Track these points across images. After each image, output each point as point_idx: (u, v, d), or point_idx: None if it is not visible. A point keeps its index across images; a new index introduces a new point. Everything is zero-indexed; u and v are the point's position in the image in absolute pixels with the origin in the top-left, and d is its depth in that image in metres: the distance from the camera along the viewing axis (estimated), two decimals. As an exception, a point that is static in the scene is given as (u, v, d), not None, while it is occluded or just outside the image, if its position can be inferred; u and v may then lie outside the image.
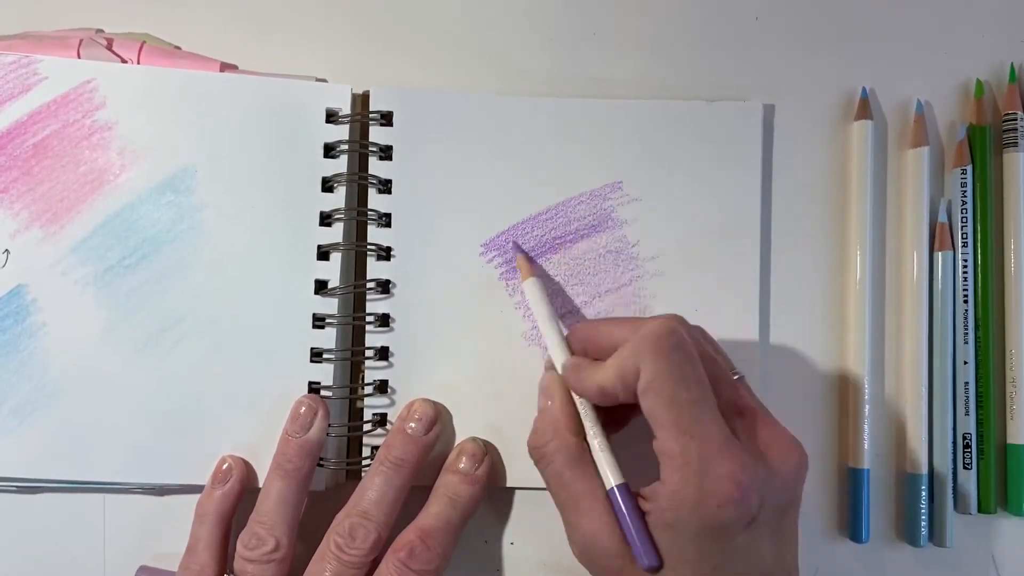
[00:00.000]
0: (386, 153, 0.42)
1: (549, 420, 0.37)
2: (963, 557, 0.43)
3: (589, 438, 0.36)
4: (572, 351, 0.38)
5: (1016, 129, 0.43)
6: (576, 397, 0.37)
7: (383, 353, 0.42)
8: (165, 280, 0.41)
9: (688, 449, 0.32)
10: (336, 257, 0.42)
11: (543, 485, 0.41)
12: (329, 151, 0.42)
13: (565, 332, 0.39)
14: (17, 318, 0.41)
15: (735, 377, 0.36)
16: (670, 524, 0.32)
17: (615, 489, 0.34)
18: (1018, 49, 0.45)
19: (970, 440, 0.43)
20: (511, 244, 0.42)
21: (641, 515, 0.33)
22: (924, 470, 0.42)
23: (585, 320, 0.42)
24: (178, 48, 0.44)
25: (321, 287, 0.41)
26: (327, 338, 0.41)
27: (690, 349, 0.34)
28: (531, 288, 0.40)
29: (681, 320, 0.35)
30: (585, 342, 0.38)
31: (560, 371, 0.38)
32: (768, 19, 0.45)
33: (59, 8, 0.44)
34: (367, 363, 0.42)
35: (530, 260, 0.42)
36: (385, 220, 0.42)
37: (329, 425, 0.40)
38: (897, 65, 0.45)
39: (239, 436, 0.41)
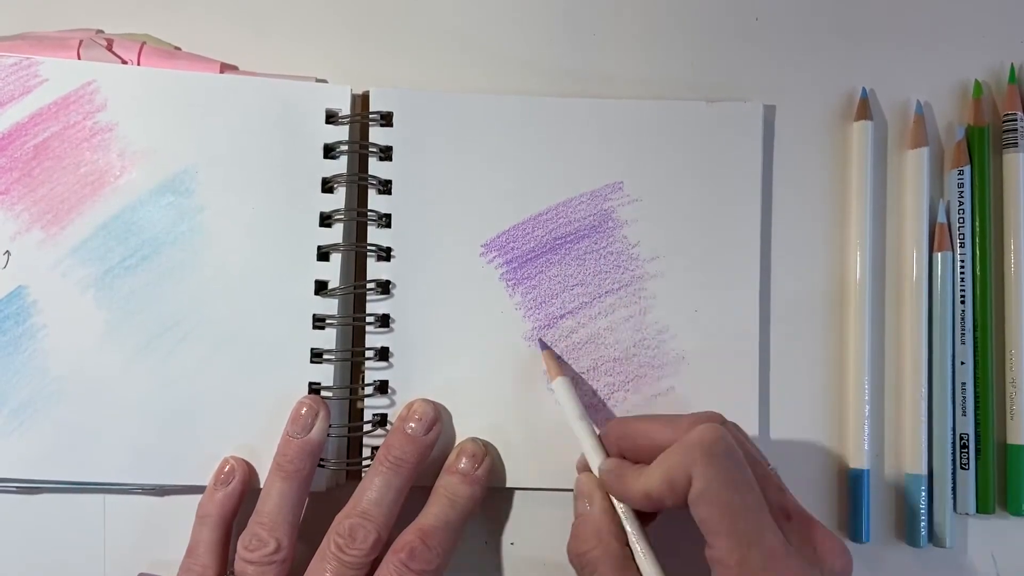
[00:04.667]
0: (386, 154, 0.42)
1: (591, 525, 0.36)
2: (963, 557, 0.43)
3: (632, 543, 0.35)
4: (606, 451, 0.38)
5: (1016, 130, 0.43)
6: (615, 501, 0.36)
7: (383, 354, 0.42)
8: (165, 281, 0.41)
9: (747, 559, 0.31)
10: (336, 258, 0.42)
11: (543, 485, 0.42)
12: (329, 152, 0.42)
13: (598, 431, 0.39)
14: (18, 319, 0.41)
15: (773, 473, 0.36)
16: None
17: None
18: (1018, 49, 0.45)
19: (967, 440, 0.43)
20: (538, 341, 0.42)
21: None
22: (923, 470, 0.42)
23: (617, 418, 0.41)
24: (178, 49, 0.44)
25: (321, 288, 0.41)
26: (327, 339, 0.41)
27: (739, 455, 0.33)
28: (561, 387, 0.40)
29: (723, 420, 0.35)
30: (620, 441, 0.37)
31: (597, 473, 0.37)
32: (768, 19, 0.45)
33: (59, 9, 0.44)
34: (367, 364, 0.42)
35: (557, 358, 0.42)
36: (385, 221, 0.42)
37: (329, 426, 0.40)
38: (897, 65, 0.45)
39: (239, 437, 0.41)
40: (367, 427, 0.41)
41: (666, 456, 0.34)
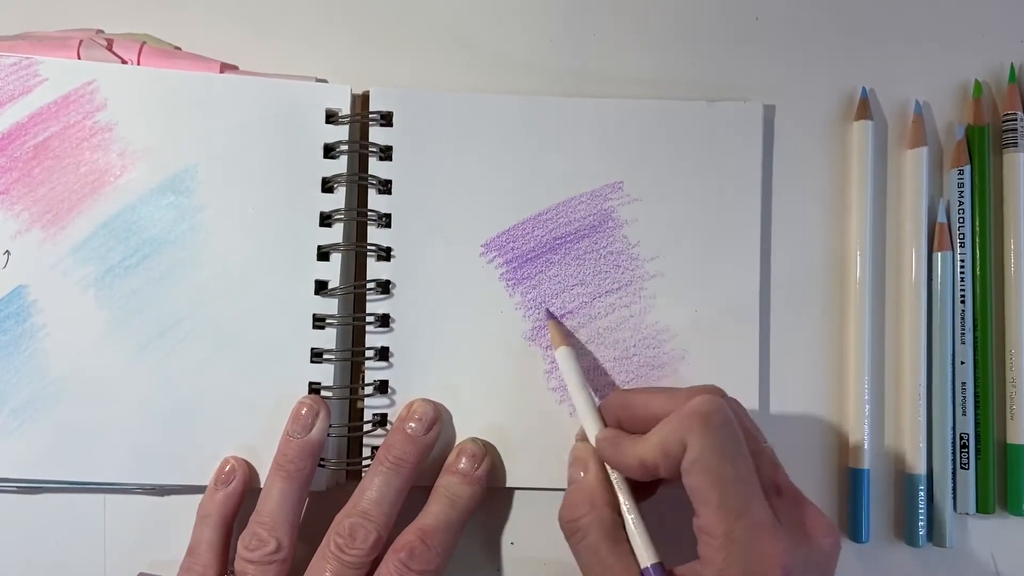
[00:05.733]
0: (386, 153, 0.42)
1: (584, 492, 0.36)
2: (962, 557, 0.43)
3: (624, 512, 0.35)
4: (605, 422, 0.38)
5: (1016, 129, 0.43)
6: (610, 470, 0.36)
7: (383, 353, 0.42)
8: (166, 281, 0.41)
9: (733, 530, 0.31)
10: (336, 257, 0.42)
11: (543, 485, 0.42)
12: (329, 151, 0.42)
13: (598, 402, 0.39)
14: (18, 319, 0.41)
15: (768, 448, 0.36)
16: None
17: (651, 568, 0.34)
18: (1018, 49, 0.45)
19: (967, 440, 0.43)
20: (544, 311, 0.42)
21: None
22: (923, 470, 0.42)
23: (617, 389, 0.41)
24: (178, 49, 0.44)
25: (321, 287, 0.41)
26: (327, 338, 0.41)
27: (736, 426, 0.33)
28: (563, 356, 0.40)
29: (722, 393, 0.35)
30: (619, 411, 0.37)
31: (593, 442, 0.37)
32: (768, 19, 0.45)
33: (59, 8, 0.44)
34: (367, 363, 0.42)
35: (561, 327, 0.42)
36: (385, 220, 0.42)
37: (330, 425, 0.40)
38: (897, 65, 0.45)
39: (240, 437, 0.41)
40: (367, 427, 0.41)
41: (663, 424, 0.34)
